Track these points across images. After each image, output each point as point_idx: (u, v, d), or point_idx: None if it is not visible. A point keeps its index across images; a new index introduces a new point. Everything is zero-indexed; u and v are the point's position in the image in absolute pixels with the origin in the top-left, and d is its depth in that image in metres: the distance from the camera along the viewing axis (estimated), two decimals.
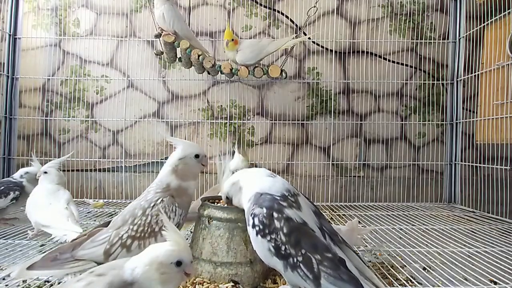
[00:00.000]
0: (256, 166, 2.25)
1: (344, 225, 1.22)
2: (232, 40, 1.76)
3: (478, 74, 2.01)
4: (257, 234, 0.80)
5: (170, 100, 2.27)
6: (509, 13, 1.76)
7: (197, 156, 0.96)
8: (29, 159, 1.61)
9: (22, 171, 1.51)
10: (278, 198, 0.83)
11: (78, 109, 2.25)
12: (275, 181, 0.88)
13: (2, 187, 1.43)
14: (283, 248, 0.78)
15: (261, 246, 0.80)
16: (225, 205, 1.01)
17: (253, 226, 0.81)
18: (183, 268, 0.65)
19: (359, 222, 1.68)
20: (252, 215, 0.82)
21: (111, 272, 0.62)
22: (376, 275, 0.87)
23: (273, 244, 0.78)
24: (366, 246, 1.36)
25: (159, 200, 0.89)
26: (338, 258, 0.77)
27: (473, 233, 1.53)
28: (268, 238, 0.79)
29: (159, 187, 0.93)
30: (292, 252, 0.77)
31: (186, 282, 0.92)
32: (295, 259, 0.77)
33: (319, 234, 0.81)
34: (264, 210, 0.81)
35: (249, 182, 0.89)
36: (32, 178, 1.49)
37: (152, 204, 0.89)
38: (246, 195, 0.88)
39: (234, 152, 1.57)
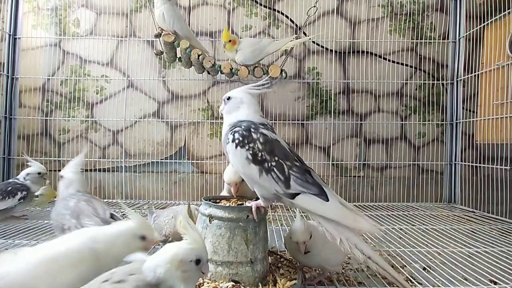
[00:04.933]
0: None
1: None
2: (230, 41, 1.76)
3: (478, 74, 2.01)
4: (236, 146, 0.91)
5: (170, 100, 2.27)
6: (509, 13, 1.76)
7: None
8: (25, 159, 1.65)
9: (24, 173, 1.57)
10: (256, 122, 0.96)
11: (78, 109, 2.25)
12: (262, 119, 0.99)
13: (10, 188, 1.52)
14: (259, 154, 0.90)
15: (239, 156, 0.91)
16: (227, 205, 1.01)
17: (233, 140, 0.92)
18: (201, 267, 0.66)
19: None
20: (232, 132, 0.94)
21: (131, 278, 0.60)
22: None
23: (251, 152, 0.90)
24: None
25: None
26: (305, 168, 0.91)
27: (473, 233, 1.53)
28: (247, 147, 0.90)
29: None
30: (267, 157, 0.90)
31: None
32: (269, 164, 0.89)
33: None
34: (243, 127, 0.94)
35: (241, 112, 0.99)
36: (35, 178, 1.56)
37: None
38: (229, 121, 0.99)
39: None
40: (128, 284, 0.59)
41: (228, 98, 1.03)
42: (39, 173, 1.56)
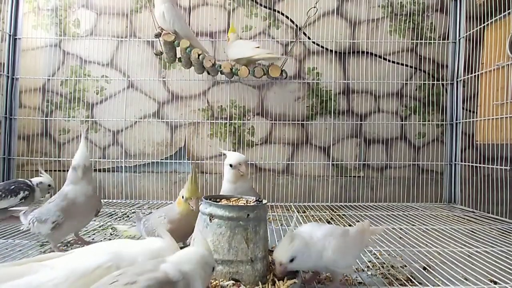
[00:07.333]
0: (256, 166, 2.25)
1: (349, 226, 1.21)
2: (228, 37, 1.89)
3: (478, 74, 2.01)
4: None
5: (170, 100, 2.27)
6: (509, 13, 1.76)
7: None
8: (37, 170, 1.68)
9: (38, 179, 1.60)
10: None
11: (78, 109, 2.25)
12: None
13: (13, 186, 1.51)
14: None
15: None
16: (227, 204, 1.01)
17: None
18: (212, 274, 0.74)
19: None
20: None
21: (141, 278, 0.60)
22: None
23: None
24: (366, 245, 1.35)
25: None
26: None
27: (473, 233, 1.53)
28: None
29: None
30: None
31: None
32: None
33: None
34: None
35: None
36: (44, 188, 1.59)
37: None
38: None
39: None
40: (138, 285, 0.59)
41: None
42: (49, 185, 1.61)
